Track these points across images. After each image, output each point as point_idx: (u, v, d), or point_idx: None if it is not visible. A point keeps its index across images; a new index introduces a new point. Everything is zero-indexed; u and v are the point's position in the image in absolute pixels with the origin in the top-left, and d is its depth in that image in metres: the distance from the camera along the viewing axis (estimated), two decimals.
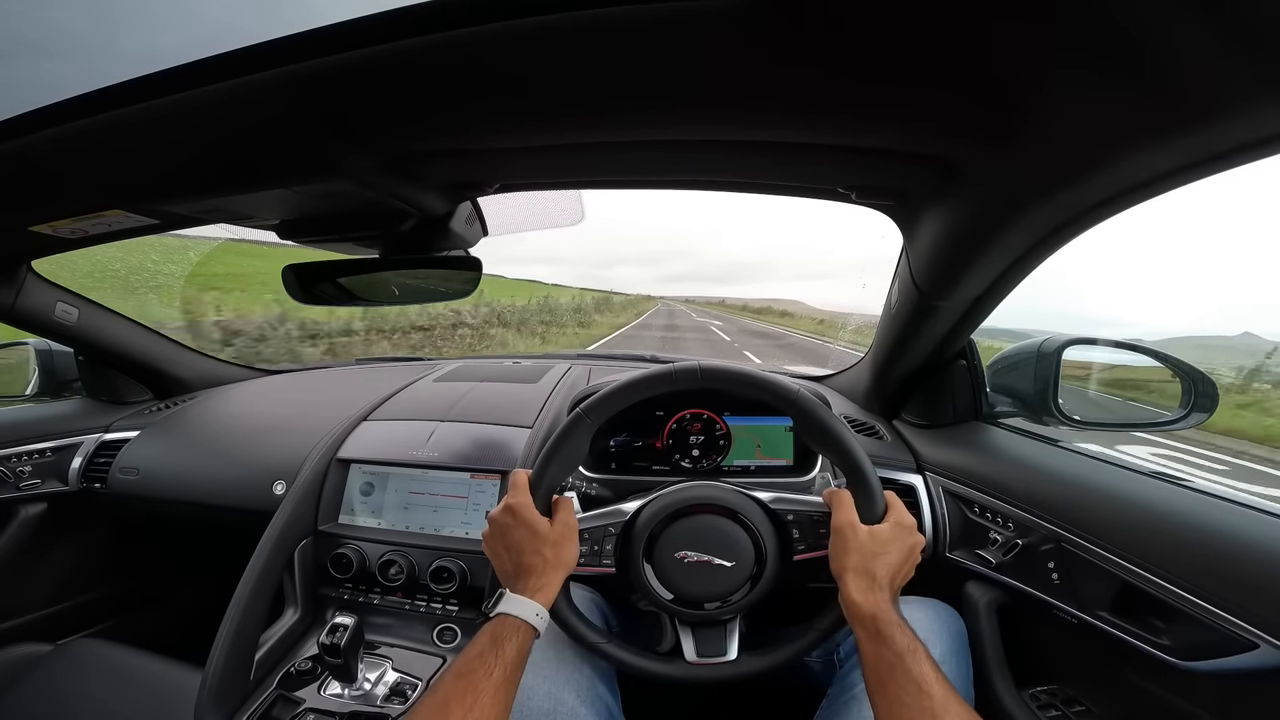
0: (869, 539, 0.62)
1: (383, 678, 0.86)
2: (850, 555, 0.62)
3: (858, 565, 0.61)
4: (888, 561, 0.61)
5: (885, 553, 0.62)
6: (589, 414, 0.68)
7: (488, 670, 0.52)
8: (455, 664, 0.54)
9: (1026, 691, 0.80)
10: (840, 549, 0.63)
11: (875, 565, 0.61)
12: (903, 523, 0.65)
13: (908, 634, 0.55)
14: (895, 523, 0.64)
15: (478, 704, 0.49)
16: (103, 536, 1.35)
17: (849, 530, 0.63)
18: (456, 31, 0.39)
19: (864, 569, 0.60)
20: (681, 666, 0.68)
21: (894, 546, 0.62)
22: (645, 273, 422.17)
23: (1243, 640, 0.56)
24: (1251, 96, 0.38)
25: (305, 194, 0.66)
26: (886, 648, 0.54)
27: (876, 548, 0.62)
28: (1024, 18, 0.35)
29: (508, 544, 0.64)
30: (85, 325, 1.19)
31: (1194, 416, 0.84)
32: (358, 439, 1.09)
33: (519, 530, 0.63)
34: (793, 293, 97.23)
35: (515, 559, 0.63)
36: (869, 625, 0.57)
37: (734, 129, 0.54)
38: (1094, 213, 0.57)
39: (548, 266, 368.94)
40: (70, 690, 0.88)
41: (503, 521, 0.65)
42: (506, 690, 0.52)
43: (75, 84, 0.46)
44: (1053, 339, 0.93)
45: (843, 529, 0.64)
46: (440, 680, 0.52)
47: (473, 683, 0.51)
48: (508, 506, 0.65)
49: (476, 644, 0.55)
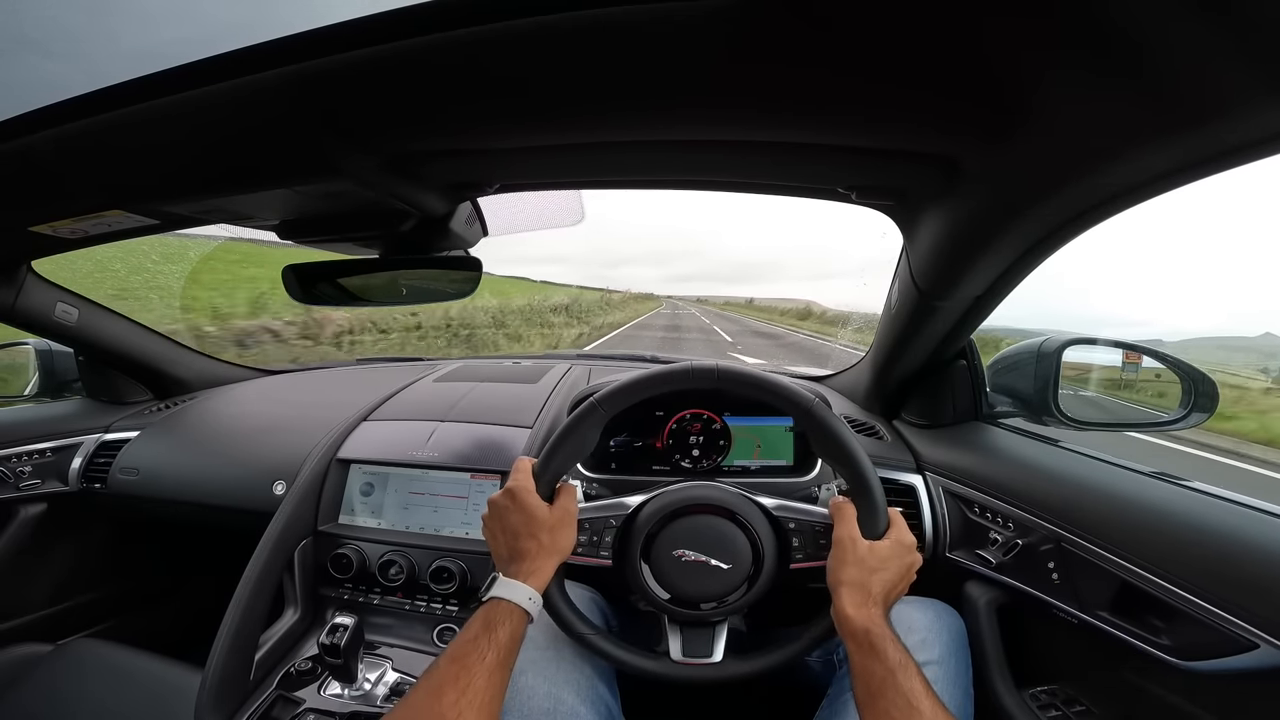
0: (869, 554, 0.62)
1: (383, 678, 0.87)
2: (848, 568, 0.62)
3: (854, 579, 0.61)
4: (884, 578, 0.61)
5: (883, 569, 0.62)
6: (603, 404, 0.68)
7: (480, 654, 0.52)
8: (449, 649, 0.54)
9: (1026, 691, 0.80)
10: (839, 561, 0.63)
11: (871, 580, 0.60)
12: (903, 541, 0.65)
13: (899, 649, 0.55)
14: (896, 540, 0.64)
15: (471, 687, 0.49)
16: (103, 536, 1.35)
17: (849, 543, 0.63)
18: (456, 32, 0.39)
19: (860, 583, 0.60)
20: (665, 664, 0.68)
21: (892, 564, 0.62)
22: (653, 272, 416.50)
23: (1243, 640, 0.56)
24: (1252, 97, 0.38)
25: (305, 194, 0.66)
26: (878, 663, 0.54)
27: (874, 563, 0.62)
28: (1024, 15, 0.35)
29: (505, 527, 0.64)
30: (85, 325, 1.19)
31: (1194, 416, 0.84)
32: (358, 439, 1.09)
33: (517, 514, 0.63)
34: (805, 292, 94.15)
35: (511, 542, 0.63)
36: (861, 639, 0.56)
37: (733, 129, 0.54)
38: (1094, 212, 0.57)
39: (554, 266, 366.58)
40: (70, 690, 0.88)
41: (502, 504, 0.65)
42: (500, 673, 0.52)
43: (75, 84, 0.46)
44: (1052, 339, 0.93)
45: (843, 541, 0.63)
46: (434, 665, 0.52)
47: (465, 666, 0.51)
48: (508, 489, 0.65)
49: (470, 628, 0.55)
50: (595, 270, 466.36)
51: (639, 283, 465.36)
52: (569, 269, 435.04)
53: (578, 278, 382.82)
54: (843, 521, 0.65)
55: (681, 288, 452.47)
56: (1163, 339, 33.48)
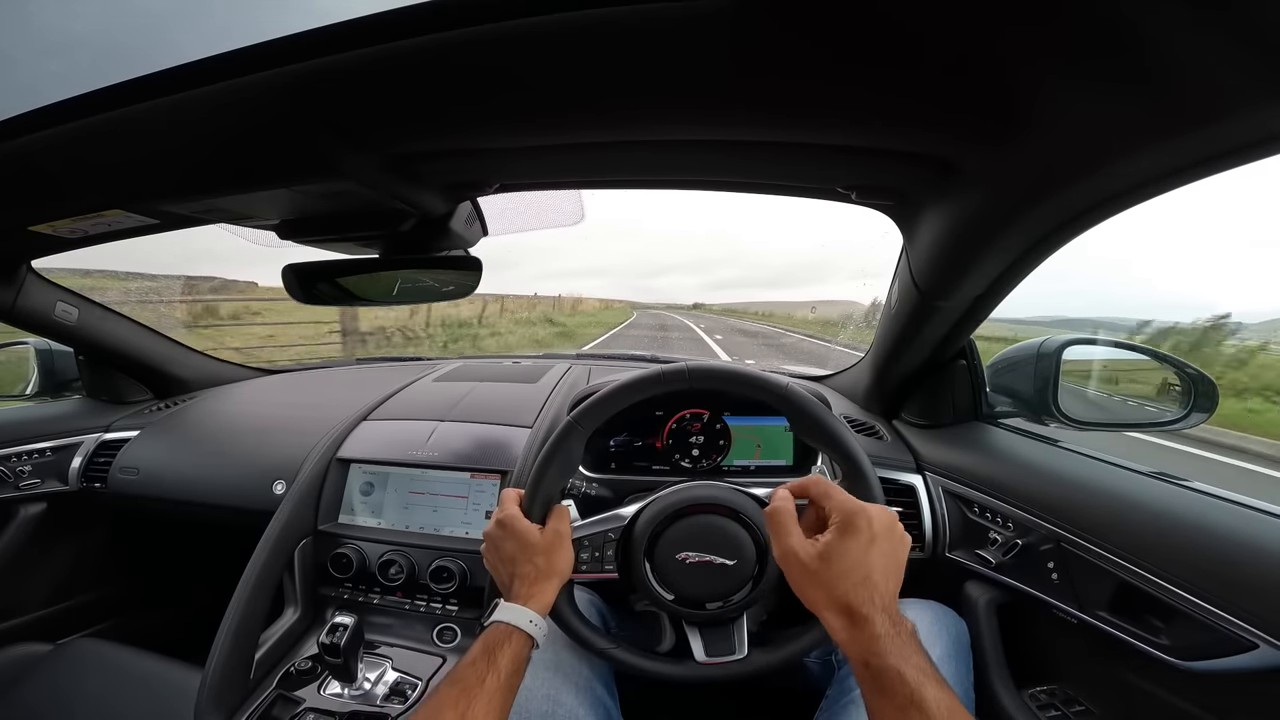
0: (820, 564, 0.49)
1: (382, 677, 0.86)
2: (808, 590, 0.50)
3: (826, 600, 0.48)
4: (858, 581, 0.47)
5: (848, 570, 0.48)
6: (580, 421, 0.68)
7: (480, 677, 0.52)
8: (450, 672, 0.54)
9: (1026, 691, 0.80)
10: (796, 586, 0.51)
11: (848, 592, 0.47)
12: (852, 525, 0.50)
13: (908, 682, 0.42)
14: (841, 525, 0.50)
15: (470, 710, 0.50)
16: (102, 536, 1.35)
17: (792, 560, 0.51)
18: (455, 32, 0.39)
19: (836, 602, 0.48)
20: (692, 667, 0.68)
21: (856, 558, 0.48)
22: (693, 280, 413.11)
23: (1242, 640, 0.56)
24: (1252, 98, 0.38)
25: (305, 194, 0.66)
26: (885, 700, 0.43)
27: (835, 569, 0.48)
28: (1025, 22, 0.35)
29: (501, 556, 0.65)
30: (85, 325, 1.19)
31: (1194, 416, 0.84)
32: (358, 438, 1.09)
33: (510, 541, 0.64)
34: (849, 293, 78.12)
35: (509, 569, 0.64)
36: (863, 674, 0.46)
37: (733, 129, 0.54)
38: (1094, 212, 0.57)
39: (593, 279, 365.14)
40: (70, 690, 0.88)
41: (495, 535, 0.66)
42: (502, 697, 0.52)
43: (75, 84, 0.46)
44: (1052, 339, 0.93)
45: (787, 559, 0.51)
46: (435, 688, 0.53)
47: (465, 689, 0.51)
48: (497, 520, 0.66)
49: (471, 652, 0.55)
50: (633, 281, 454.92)
51: (679, 292, 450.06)
52: (606, 281, 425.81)
53: (616, 291, 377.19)
54: (777, 534, 0.53)
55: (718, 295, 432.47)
56: (1243, 322, 32.31)
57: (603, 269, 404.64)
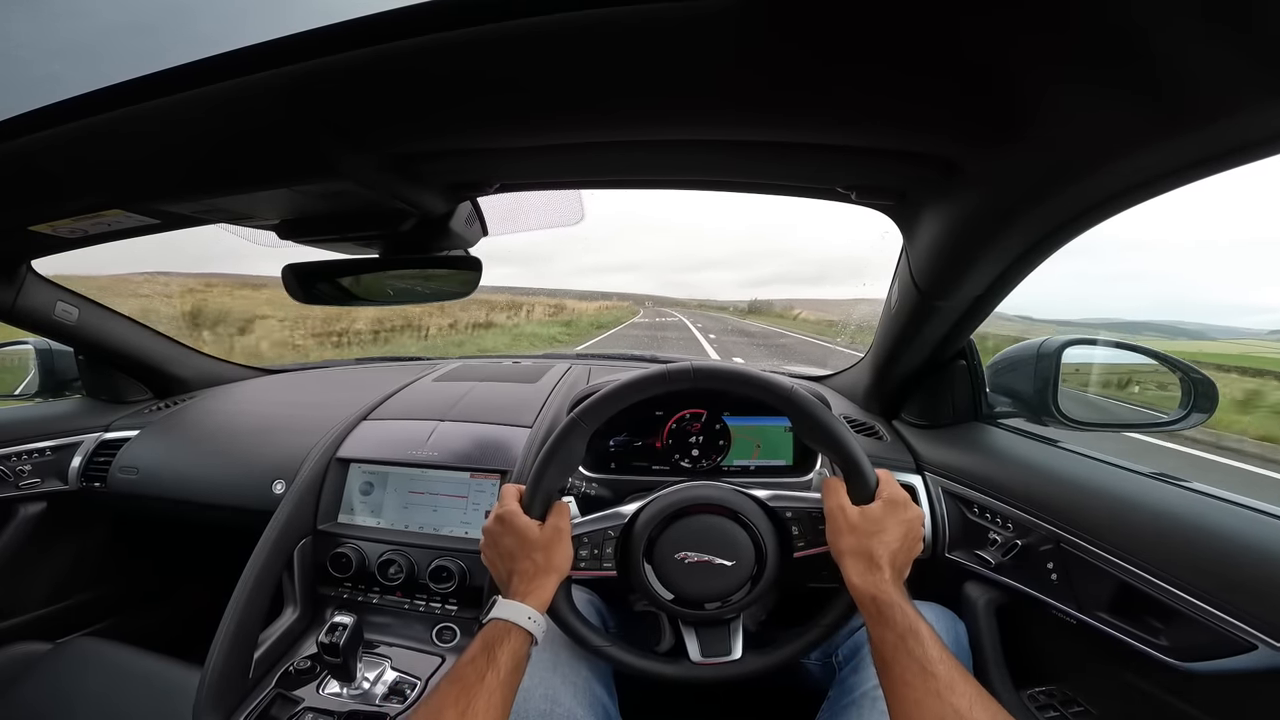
0: (861, 519, 0.62)
1: (381, 677, 0.87)
2: (844, 538, 0.62)
3: (854, 547, 0.61)
4: (884, 540, 0.61)
5: (880, 531, 0.61)
6: (583, 418, 0.68)
7: (479, 675, 0.52)
8: (450, 670, 0.54)
9: (1025, 692, 0.80)
10: (835, 533, 0.64)
11: (872, 545, 0.60)
12: (894, 499, 0.64)
13: (908, 614, 0.55)
14: (887, 499, 0.64)
15: (470, 708, 0.50)
16: (102, 536, 1.35)
17: (839, 513, 0.63)
18: (455, 32, 0.39)
19: (861, 550, 0.60)
20: (686, 667, 0.68)
21: (888, 524, 0.62)
22: (733, 276, 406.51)
23: (1241, 641, 0.56)
24: (1252, 98, 0.38)
25: (305, 194, 0.66)
26: (888, 629, 0.54)
27: (870, 527, 0.61)
28: (1039, 30, 0.35)
29: (500, 552, 0.65)
30: (85, 325, 1.19)
31: (1194, 417, 0.84)
32: (357, 438, 1.09)
33: (508, 536, 0.64)
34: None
35: (507, 565, 0.64)
36: (870, 607, 0.57)
37: (734, 129, 0.54)
38: (1094, 212, 0.57)
39: (627, 274, 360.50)
40: (70, 689, 0.88)
41: (494, 530, 0.66)
42: (501, 694, 0.52)
43: (75, 84, 0.46)
44: (1052, 339, 0.93)
45: (833, 513, 0.64)
46: (435, 686, 0.53)
47: (465, 687, 0.51)
48: (497, 515, 0.66)
49: (469, 650, 0.55)
50: (669, 276, 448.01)
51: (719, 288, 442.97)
52: (640, 277, 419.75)
53: (652, 286, 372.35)
54: (829, 493, 0.66)
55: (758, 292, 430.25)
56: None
57: (636, 263, 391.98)
